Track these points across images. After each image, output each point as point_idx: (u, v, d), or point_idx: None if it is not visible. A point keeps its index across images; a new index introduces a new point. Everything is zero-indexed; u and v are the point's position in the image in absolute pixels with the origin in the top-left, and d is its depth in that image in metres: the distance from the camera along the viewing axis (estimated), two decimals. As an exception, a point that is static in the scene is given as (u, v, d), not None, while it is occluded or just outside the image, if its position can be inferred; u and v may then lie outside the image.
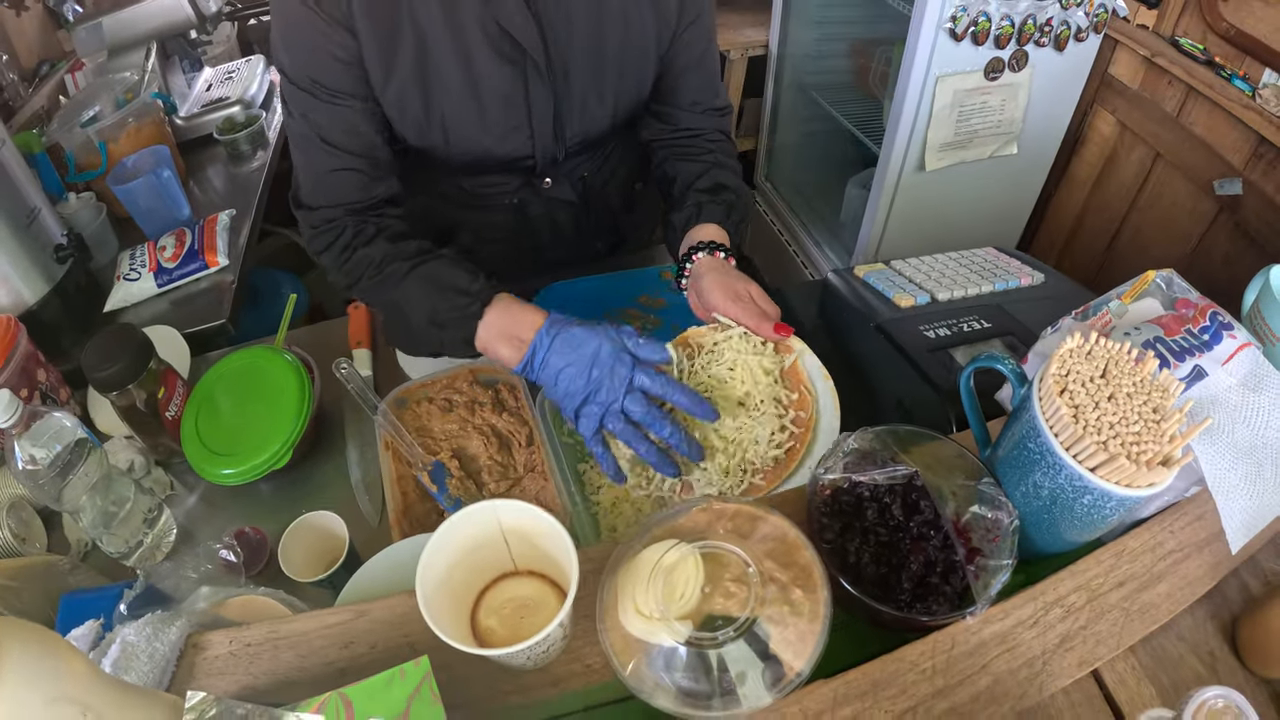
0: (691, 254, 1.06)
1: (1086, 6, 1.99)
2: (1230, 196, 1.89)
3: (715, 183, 1.16)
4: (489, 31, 1.01)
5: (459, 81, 1.04)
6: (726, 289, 0.98)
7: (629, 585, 0.64)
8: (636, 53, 1.12)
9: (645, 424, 0.90)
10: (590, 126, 1.16)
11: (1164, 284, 0.91)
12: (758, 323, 0.95)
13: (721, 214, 1.11)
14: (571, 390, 0.91)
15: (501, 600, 0.70)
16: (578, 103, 1.12)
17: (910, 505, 0.72)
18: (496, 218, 1.29)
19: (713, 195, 1.13)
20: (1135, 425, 0.65)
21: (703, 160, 1.19)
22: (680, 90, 1.20)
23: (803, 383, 0.94)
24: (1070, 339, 0.69)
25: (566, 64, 1.07)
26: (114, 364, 1.00)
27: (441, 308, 0.98)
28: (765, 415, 0.92)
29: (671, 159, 1.22)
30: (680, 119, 1.22)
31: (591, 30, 1.06)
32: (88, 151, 1.72)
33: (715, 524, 0.68)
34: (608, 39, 1.08)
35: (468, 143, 1.11)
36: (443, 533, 0.64)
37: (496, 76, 1.05)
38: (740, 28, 2.76)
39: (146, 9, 1.93)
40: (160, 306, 1.49)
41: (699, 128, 1.22)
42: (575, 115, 1.13)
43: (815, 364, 0.95)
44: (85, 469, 0.91)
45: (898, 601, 0.68)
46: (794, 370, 0.94)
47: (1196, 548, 0.80)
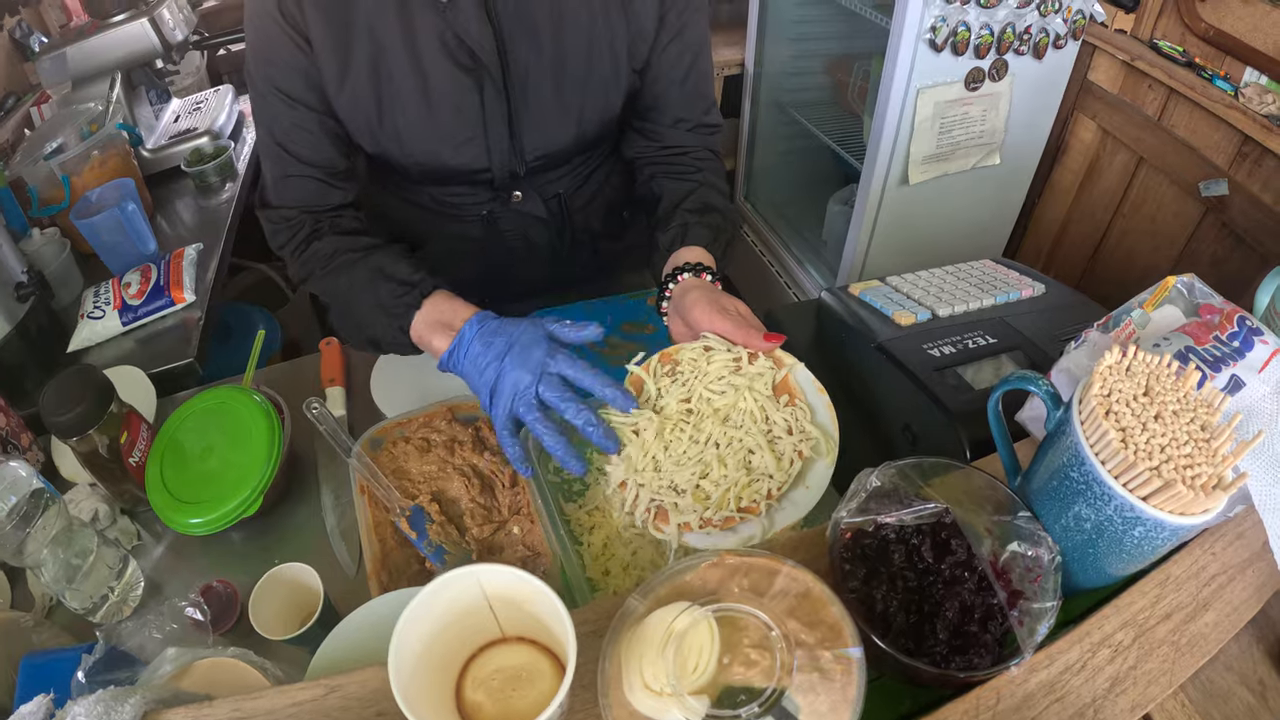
0: (675, 275, 1.01)
1: (1064, 13, 1.98)
2: (1216, 197, 1.87)
3: (703, 203, 1.11)
4: (446, 41, 1.01)
5: (413, 89, 1.03)
6: (712, 304, 0.92)
7: (634, 656, 0.56)
8: (603, 67, 1.08)
9: (556, 408, 0.85)
10: (551, 141, 1.13)
11: (1185, 290, 0.86)
12: (746, 334, 0.89)
13: (708, 237, 1.06)
14: (487, 377, 0.89)
15: (489, 671, 0.63)
16: (536, 116, 1.09)
17: (941, 545, 0.66)
18: (468, 229, 1.25)
19: (700, 216, 1.08)
20: (1186, 446, 0.59)
21: (690, 179, 1.15)
22: (665, 106, 1.16)
23: (796, 397, 0.87)
24: (1109, 354, 0.63)
25: (525, 76, 1.05)
26: (73, 408, 0.96)
27: (384, 295, 1.00)
28: (756, 432, 0.85)
29: (658, 176, 1.17)
30: (666, 136, 1.17)
31: (554, 43, 1.04)
32: (51, 185, 1.66)
33: (728, 581, 0.60)
34: (570, 53, 1.05)
35: (422, 152, 1.10)
36: (419, 604, 0.56)
37: (451, 85, 1.04)
38: (715, 47, 2.71)
39: (110, 38, 1.89)
40: (126, 345, 1.44)
41: (686, 145, 1.18)
42: (533, 128, 1.10)
43: (808, 377, 0.89)
44: (44, 521, 0.88)
45: (933, 655, 0.61)
46: (786, 384, 0.88)
47: (1240, 569, 0.74)
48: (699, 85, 1.17)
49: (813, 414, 0.86)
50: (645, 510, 0.83)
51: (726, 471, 0.82)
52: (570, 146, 1.15)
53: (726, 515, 0.81)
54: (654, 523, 0.82)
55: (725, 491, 0.81)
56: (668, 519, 0.82)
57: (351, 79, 1.02)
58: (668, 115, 1.16)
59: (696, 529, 0.81)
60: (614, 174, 1.30)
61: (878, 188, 2.13)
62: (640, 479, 0.83)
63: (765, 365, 0.88)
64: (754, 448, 0.83)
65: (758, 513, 0.81)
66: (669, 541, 0.82)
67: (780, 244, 2.79)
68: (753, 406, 0.85)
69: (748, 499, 0.81)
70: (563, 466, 0.87)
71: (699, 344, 0.91)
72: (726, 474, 0.82)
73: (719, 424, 0.85)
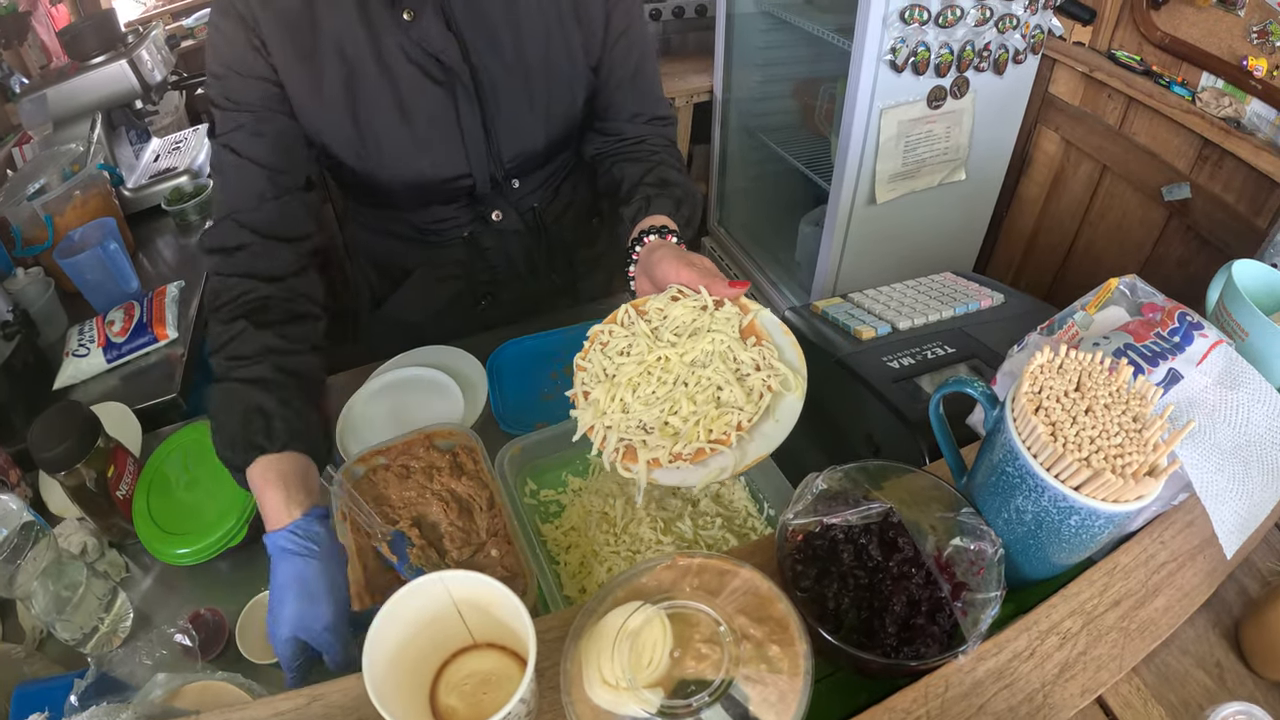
0: (641, 237, 1.02)
1: (1023, 29, 2.03)
2: (1179, 201, 1.92)
3: (661, 178, 1.13)
4: (413, 55, 1.04)
5: (388, 106, 1.07)
6: (678, 259, 0.93)
7: (593, 653, 0.58)
8: (562, 65, 1.12)
9: None
10: (525, 142, 1.16)
11: (1128, 290, 0.89)
12: (711, 282, 0.90)
13: (670, 206, 1.08)
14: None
15: (461, 676, 0.65)
16: (508, 119, 1.13)
17: (888, 543, 0.68)
18: (451, 252, 1.29)
19: (660, 189, 1.10)
20: (1117, 437, 0.62)
21: (649, 160, 1.18)
22: (619, 104, 1.19)
23: (763, 338, 0.87)
24: (1039, 354, 0.66)
25: (494, 81, 1.09)
26: (61, 443, 0.97)
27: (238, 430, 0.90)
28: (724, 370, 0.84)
29: (618, 163, 1.20)
30: (624, 130, 1.21)
31: (514, 47, 1.08)
32: (34, 225, 1.67)
33: (681, 581, 0.63)
34: (530, 54, 1.09)
35: (403, 167, 1.12)
36: (389, 609, 0.59)
37: (424, 97, 1.07)
38: (684, 75, 2.78)
39: (90, 80, 1.92)
40: (110, 382, 1.45)
41: (642, 134, 1.21)
42: (508, 131, 1.14)
43: (773, 320, 0.89)
44: (34, 553, 0.88)
45: (883, 647, 0.63)
46: (752, 327, 0.88)
47: (1190, 556, 0.77)
48: (648, 79, 1.21)
49: (780, 352, 0.86)
50: (614, 450, 0.81)
51: (695, 407, 0.82)
52: (542, 147, 1.19)
53: (697, 447, 0.80)
54: (622, 462, 0.81)
55: (695, 425, 0.80)
56: (636, 457, 0.81)
57: (328, 99, 1.04)
58: (624, 111, 1.20)
59: (666, 463, 0.80)
60: (581, 183, 1.34)
61: (846, 207, 2.17)
62: (608, 420, 0.83)
63: (731, 310, 0.88)
64: (722, 384, 0.83)
65: (729, 444, 0.80)
66: (637, 480, 0.80)
67: (755, 267, 2.82)
68: (720, 348, 0.85)
69: (718, 431, 0.81)
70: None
71: (666, 294, 0.92)
72: (695, 409, 0.82)
73: (686, 366, 0.85)
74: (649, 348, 0.86)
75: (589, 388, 0.85)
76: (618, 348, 0.87)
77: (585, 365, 0.88)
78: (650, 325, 0.88)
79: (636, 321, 0.89)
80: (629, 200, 1.11)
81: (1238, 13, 1.74)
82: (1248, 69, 1.74)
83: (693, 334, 0.86)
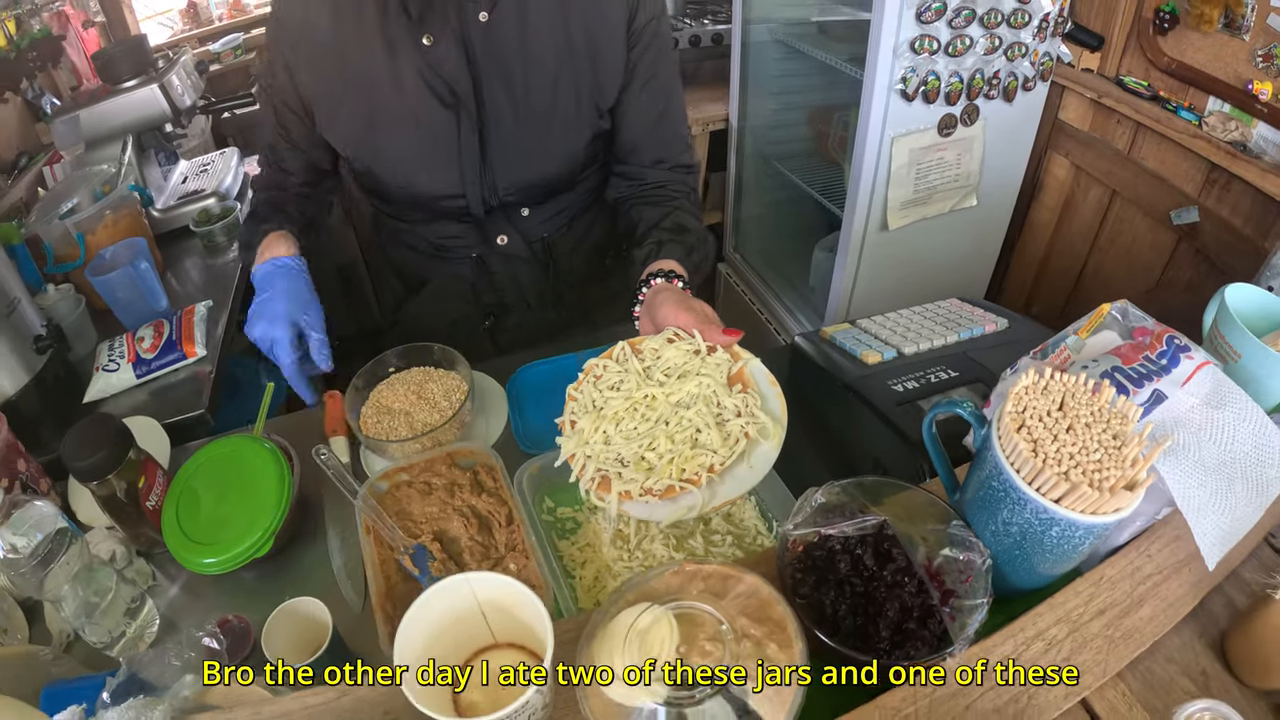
0: (649, 279, 1.07)
1: (1031, 56, 2.05)
2: (1188, 225, 1.93)
3: (677, 224, 1.18)
4: (427, 77, 1.14)
5: (398, 118, 1.17)
6: (679, 303, 0.99)
7: (605, 650, 0.63)
8: (568, 107, 1.18)
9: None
10: (520, 174, 1.23)
11: (1120, 315, 0.92)
12: (706, 328, 0.95)
13: (682, 252, 1.13)
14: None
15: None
16: (505, 150, 1.19)
17: (882, 554, 0.73)
18: (460, 269, 1.36)
19: (674, 234, 1.16)
20: (1096, 453, 0.66)
21: (666, 205, 1.23)
22: (643, 148, 1.24)
23: (750, 386, 0.92)
24: (1025, 376, 0.71)
25: (498, 114, 1.16)
26: (94, 453, 1.00)
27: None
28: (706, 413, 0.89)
29: (636, 205, 1.25)
30: (646, 175, 1.26)
31: (523, 84, 1.15)
32: (66, 243, 1.73)
33: (688, 585, 0.68)
34: (537, 93, 1.16)
35: (400, 174, 1.23)
36: (418, 608, 0.64)
37: (431, 116, 1.17)
38: (700, 103, 2.82)
39: (123, 103, 1.98)
40: (139, 397, 1.48)
41: (663, 181, 1.26)
42: (502, 161, 1.21)
43: (762, 370, 0.93)
44: (66, 558, 0.91)
45: (876, 650, 0.68)
46: (741, 374, 0.93)
47: (1175, 569, 0.80)
48: (673, 127, 1.26)
49: (764, 401, 0.90)
50: (590, 479, 0.87)
51: (672, 446, 0.86)
52: (539, 181, 1.25)
53: (668, 484, 0.84)
54: (596, 491, 0.87)
55: (669, 463, 0.85)
56: (610, 488, 0.86)
57: (344, 109, 1.18)
58: (647, 157, 1.25)
59: (637, 497, 0.85)
60: (599, 221, 1.38)
61: (858, 234, 2.19)
62: (589, 450, 0.88)
63: (723, 357, 0.93)
64: (701, 426, 0.87)
65: (699, 484, 0.84)
66: (608, 510, 0.86)
67: (770, 293, 2.85)
68: (705, 391, 0.89)
69: (690, 470, 0.85)
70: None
71: (663, 335, 0.96)
72: (672, 448, 0.86)
73: (670, 406, 0.89)
74: (638, 385, 0.91)
75: (576, 417, 0.91)
76: (609, 382, 0.92)
77: (576, 396, 0.93)
78: (644, 364, 0.93)
79: (630, 359, 0.94)
80: (642, 243, 1.16)
81: (1243, 37, 1.76)
82: (1253, 93, 1.76)
83: (682, 375, 0.91)
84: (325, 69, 1.16)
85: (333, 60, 1.15)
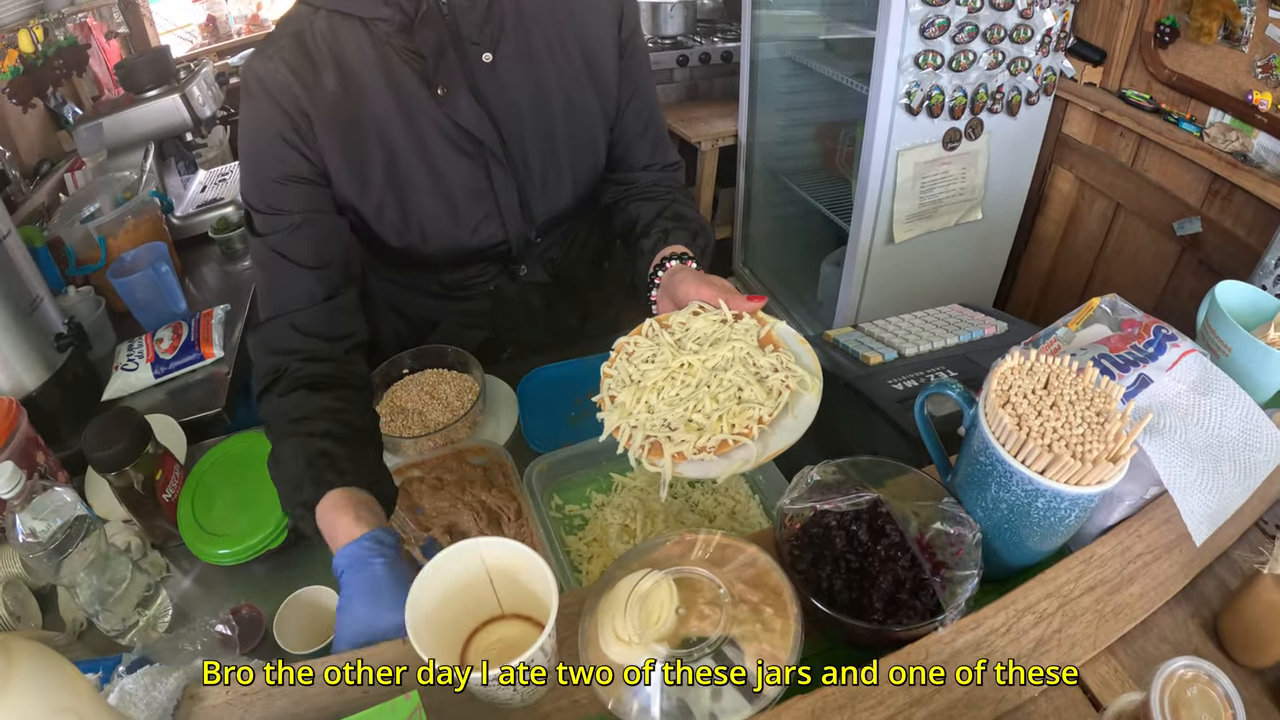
0: (663, 264, 1.08)
1: (1035, 71, 2.09)
2: (1191, 235, 1.96)
3: (677, 213, 1.20)
4: (446, 131, 1.10)
5: (428, 183, 1.12)
6: (698, 279, 1.00)
7: (608, 614, 0.66)
8: (584, 128, 1.20)
9: None
10: (555, 202, 1.23)
11: (1109, 308, 0.95)
12: (730, 297, 0.96)
13: (687, 238, 1.14)
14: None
15: (490, 642, 0.73)
16: (539, 183, 1.20)
17: (876, 530, 0.76)
18: (477, 305, 1.36)
19: (677, 222, 1.17)
20: (1079, 428, 0.69)
21: (662, 199, 1.25)
22: (633, 156, 1.27)
23: (780, 346, 0.92)
24: (1009, 358, 0.73)
25: (524, 149, 1.15)
26: (114, 445, 1.02)
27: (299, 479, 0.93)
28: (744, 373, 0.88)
29: (633, 202, 1.26)
30: (637, 179, 1.29)
31: (538, 115, 1.15)
32: (88, 246, 1.78)
33: (689, 554, 0.71)
34: (555, 120, 1.16)
35: (443, 239, 1.19)
36: (429, 571, 0.67)
37: (461, 172, 1.13)
38: (710, 120, 2.86)
39: (145, 112, 2.04)
40: (157, 396, 1.52)
41: (655, 180, 1.29)
42: (539, 195, 1.21)
43: (789, 331, 0.94)
44: (84, 545, 0.92)
45: (870, 620, 0.70)
46: (770, 337, 0.93)
47: (1166, 549, 0.82)
48: (658, 129, 1.29)
49: (797, 359, 0.91)
50: (640, 447, 0.85)
51: (718, 405, 0.86)
52: (572, 205, 1.26)
53: (720, 439, 0.82)
54: (648, 457, 0.84)
55: (718, 420, 0.84)
56: (661, 452, 0.83)
57: (373, 184, 1.10)
58: (638, 162, 1.28)
59: (691, 456, 0.83)
60: (594, 231, 1.42)
61: (865, 247, 2.23)
62: (633, 420, 0.87)
63: (750, 323, 0.94)
64: (743, 384, 0.87)
65: (751, 436, 0.82)
66: (663, 474, 0.83)
67: (779, 307, 2.88)
68: (740, 354, 0.90)
69: (740, 425, 0.84)
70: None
71: (688, 309, 0.97)
72: (718, 406, 0.85)
73: (708, 371, 0.89)
74: (673, 355, 0.91)
75: (614, 392, 0.90)
76: (643, 356, 0.93)
77: (611, 373, 0.93)
78: (674, 336, 0.94)
79: (660, 333, 0.95)
80: (648, 233, 1.17)
81: (1242, 48, 1.79)
82: (1253, 103, 1.78)
83: (714, 343, 0.91)
84: (352, 161, 1.07)
85: (357, 148, 1.06)
